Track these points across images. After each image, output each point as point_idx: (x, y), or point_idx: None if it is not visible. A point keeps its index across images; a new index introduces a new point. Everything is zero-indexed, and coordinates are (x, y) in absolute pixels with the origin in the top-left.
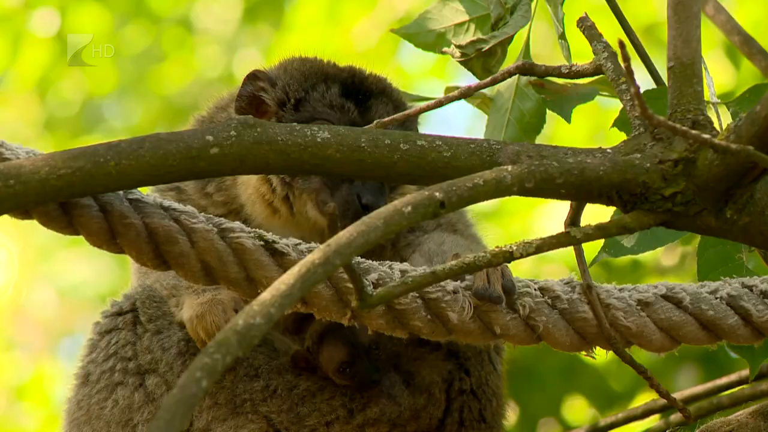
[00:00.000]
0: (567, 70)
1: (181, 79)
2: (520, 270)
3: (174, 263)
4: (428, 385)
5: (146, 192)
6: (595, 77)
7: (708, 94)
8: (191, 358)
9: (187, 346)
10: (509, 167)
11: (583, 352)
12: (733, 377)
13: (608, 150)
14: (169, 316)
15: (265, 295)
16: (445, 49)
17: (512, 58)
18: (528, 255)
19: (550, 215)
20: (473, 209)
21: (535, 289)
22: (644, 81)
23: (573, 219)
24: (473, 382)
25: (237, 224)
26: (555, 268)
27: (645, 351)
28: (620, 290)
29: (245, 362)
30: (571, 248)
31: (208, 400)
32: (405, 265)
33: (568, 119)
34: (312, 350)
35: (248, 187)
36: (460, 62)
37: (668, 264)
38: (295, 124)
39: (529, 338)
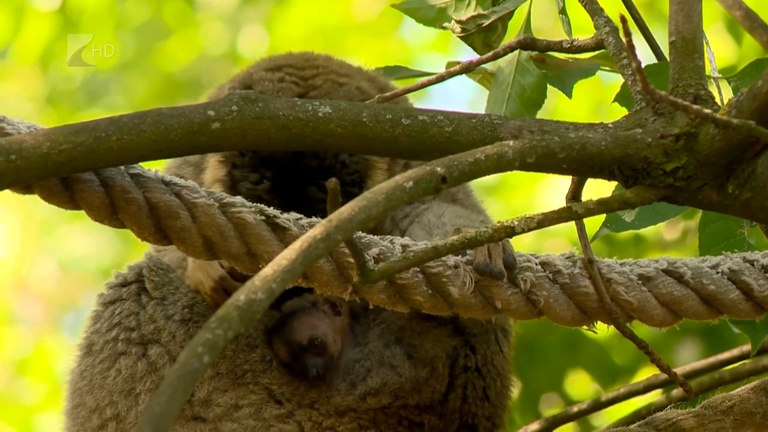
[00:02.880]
0: (568, 45)
1: (185, 56)
2: (521, 244)
3: (175, 238)
4: (431, 358)
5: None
6: (597, 52)
7: (709, 69)
8: (194, 326)
9: (191, 314)
10: (511, 142)
11: (585, 327)
12: (734, 352)
13: (610, 125)
14: (176, 282)
15: (267, 270)
16: (445, 24)
17: (513, 33)
18: (529, 230)
19: (552, 190)
20: (475, 182)
21: (536, 264)
22: (645, 56)
23: (574, 194)
24: (479, 359)
25: (238, 199)
26: (556, 243)
27: (646, 326)
28: (621, 265)
29: (245, 333)
30: (572, 223)
31: (210, 370)
32: (406, 240)
33: (569, 94)
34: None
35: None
36: (461, 37)
37: (670, 239)
38: (296, 99)
39: (531, 313)
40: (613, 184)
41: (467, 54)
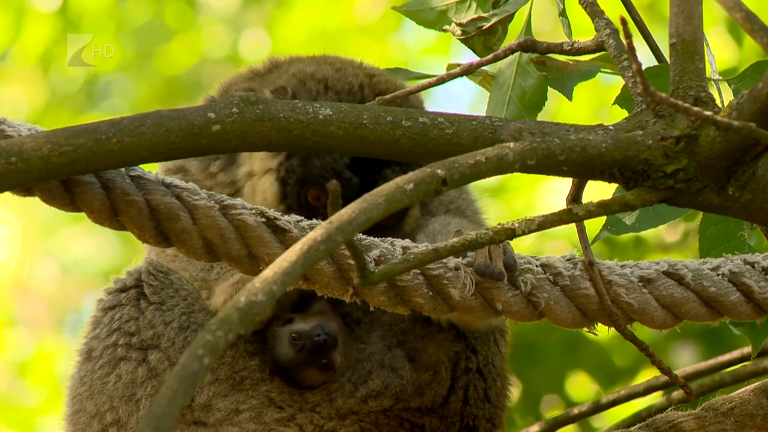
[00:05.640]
0: (569, 47)
1: (186, 59)
2: (522, 247)
3: (176, 240)
4: (434, 363)
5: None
6: (597, 54)
7: (710, 71)
8: (192, 334)
9: (188, 321)
10: (511, 144)
11: (585, 329)
12: (735, 354)
13: (610, 127)
14: (176, 285)
15: (267, 272)
16: (446, 26)
17: (513, 35)
18: (530, 232)
19: (552, 192)
20: (478, 186)
21: (536, 266)
22: (646, 58)
23: (575, 196)
24: (480, 360)
25: (239, 201)
26: (557, 245)
27: (647, 328)
28: (622, 267)
29: (245, 340)
30: (573, 225)
31: (210, 375)
32: (407, 242)
33: (569, 96)
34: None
35: (257, 194)
36: (461, 40)
37: (670, 241)
38: (297, 101)
39: (531, 315)
40: (614, 186)
41: (468, 56)
